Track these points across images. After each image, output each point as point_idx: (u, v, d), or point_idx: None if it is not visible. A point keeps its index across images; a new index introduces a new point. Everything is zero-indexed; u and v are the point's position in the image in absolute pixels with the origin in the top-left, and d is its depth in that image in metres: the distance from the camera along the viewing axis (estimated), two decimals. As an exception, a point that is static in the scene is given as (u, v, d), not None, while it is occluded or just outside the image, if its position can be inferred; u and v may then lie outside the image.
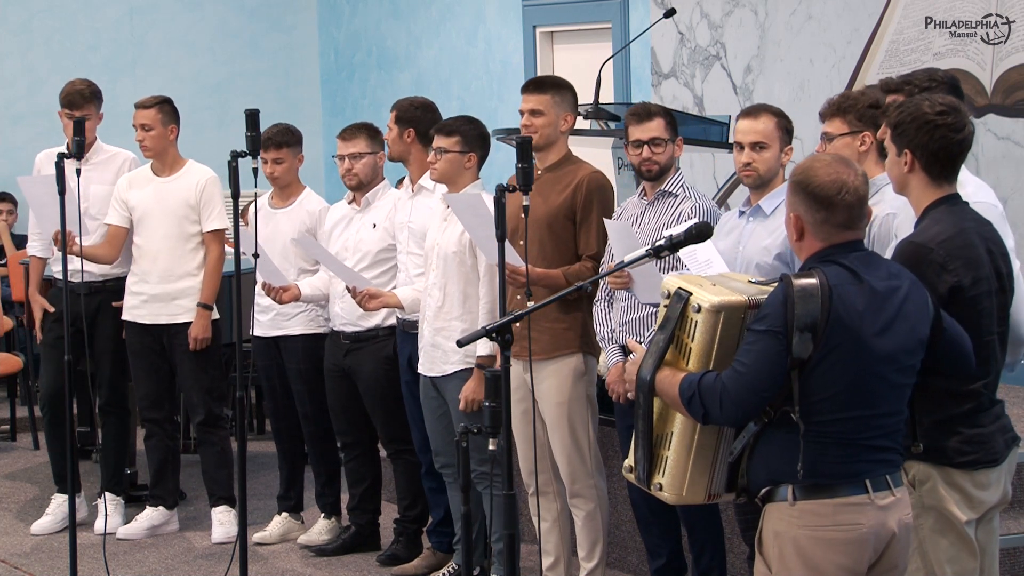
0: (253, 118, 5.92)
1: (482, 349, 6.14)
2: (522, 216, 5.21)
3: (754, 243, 5.27)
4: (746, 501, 4.24)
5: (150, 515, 7.64)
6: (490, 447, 4.39)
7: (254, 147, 5.90)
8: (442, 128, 6.36)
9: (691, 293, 4.11)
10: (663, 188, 5.90)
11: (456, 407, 6.28)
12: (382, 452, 7.30)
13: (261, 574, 7.02)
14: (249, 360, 7.30)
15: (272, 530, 7.52)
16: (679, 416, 4.17)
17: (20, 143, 11.50)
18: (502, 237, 5.10)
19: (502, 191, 5.11)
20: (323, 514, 7.43)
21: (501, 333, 4.33)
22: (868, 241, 4.64)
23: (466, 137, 6.30)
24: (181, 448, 8.26)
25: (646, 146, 5.84)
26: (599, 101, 7.64)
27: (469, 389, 6.21)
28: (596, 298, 6.05)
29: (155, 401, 7.59)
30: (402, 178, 7.33)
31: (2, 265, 11.02)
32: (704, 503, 4.32)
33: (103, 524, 7.30)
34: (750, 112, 5.39)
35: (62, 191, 6.27)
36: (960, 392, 4.28)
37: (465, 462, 4.55)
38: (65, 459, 7.47)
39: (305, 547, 7.33)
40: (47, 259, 7.78)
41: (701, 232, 4.48)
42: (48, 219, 6.83)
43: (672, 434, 4.19)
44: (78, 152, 6.45)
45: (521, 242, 5.60)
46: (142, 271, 7.48)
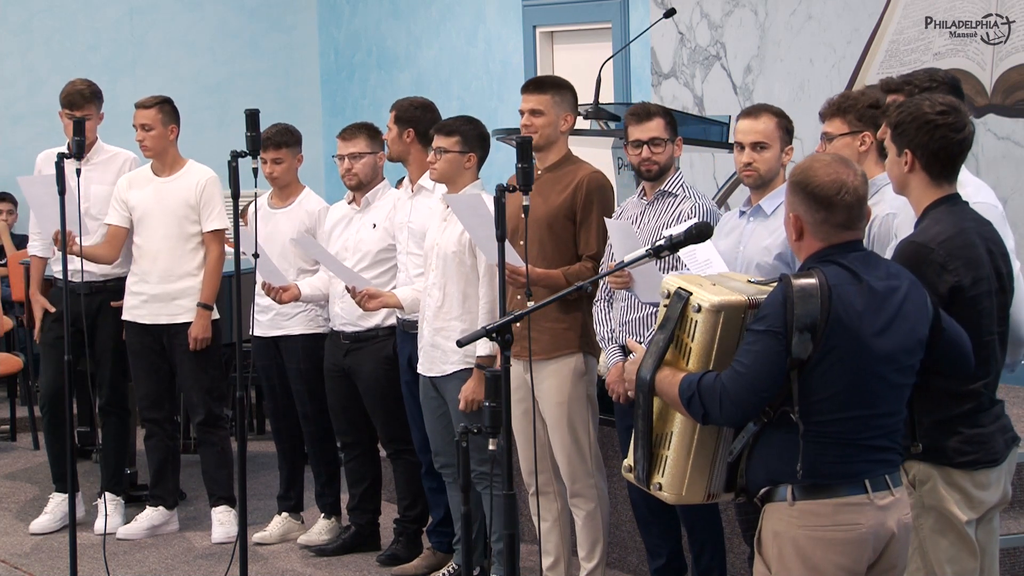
0: (253, 118, 5.92)
1: (482, 349, 6.14)
2: (522, 216, 5.20)
3: (755, 243, 5.27)
4: (745, 501, 4.24)
5: (150, 515, 7.64)
6: (490, 447, 4.39)
7: (254, 147, 5.90)
8: (442, 128, 6.36)
9: (691, 293, 4.11)
10: (663, 188, 5.90)
11: (455, 407, 6.28)
12: (382, 452, 7.29)
13: (261, 574, 7.02)
14: (249, 360, 7.29)
15: (272, 530, 7.52)
16: (679, 416, 4.16)
17: (20, 143, 11.50)
18: (502, 237, 5.10)
19: (502, 191, 5.11)
20: (323, 514, 7.43)
21: (501, 333, 4.33)
22: (868, 241, 4.64)
23: (466, 137, 6.30)
24: (181, 448, 8.26)
25: (646, 146, 5.84)
26: (599, 101, 7.63)
27: (469, 389, 6.21)
28: (596, 298, 6.04)
29: (155, 401, 7.59)
30: (402, 178, 7.33)
31: (2, 265, 11.01)
32: (703, 503, 4.32)
33: (103, 524, 7.29)
34: (751, 112, 5.39)
35: (62, 191, 6.27)
36: (960, 392, 4.28)
37: (465, 462, 4.55)
38: (65, 459, 7.46)
39: (305, 547, 7.32)
40: (48, 259, 7.77)
41: (701, 232, 4.48)
42: (48, 219, 6.83)
43: (672, 434, 4.19)
44: (78, 152, 6.45)
45: (521, 242, 5.59)
46: (142, 271, 7.47)
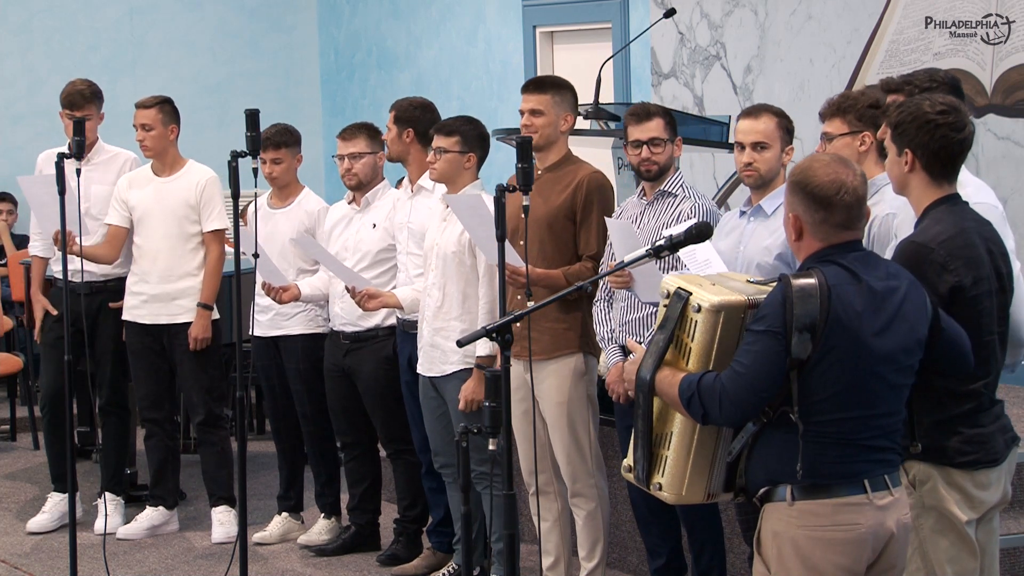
0: (253, 118, 5.92)
1: (482, 349, 6.14)
2: (522, 216, 5.20)
3: (755, 243, 5.27)
4: (745, 501, 4.24)
5: (150, 515, 7.64)
6: (490, 447, 4.39)
7: (254, 147, 5.90)
8: (442, 128, 6.36)
9: (691, 293, 4.11)
10: (662, 188, 5.90)
11: (455, 407, 6.28)
12: (382, 452, 7.30)
13: (261, 574, 7.02)
14: (249, 360, 7.29)
15: (272, 530, 7.52)
16: (678, 416, 4.17)
17: (20, 143, 11.50)
18: (502, 237, 5.10)
19: (502, 191, 5.11)
20: (323, 514, 7.43)
21: (501, 333, 4.33)
22: (868, 241, 4.64)
23: (466, 137, 6.30)
24: (181, 448, 8.26)
25: (645, 146, 5.84)
26: (599, 101, 7.63)
27: (468, 389, 6.21)
28: (596, 298, 6.04)
29: (155, 401, 7.58)
30: (402, 178, 7.33)
31: (2, 265, 11.01)
32: (703, 503, 4.32)
33: (103, 524, 7.29)
34: (751, 112, 5.39)
35: (62, 191, 6.27)
36: (960, 392, 4.28)
37: (465, 462, 4.54)
38: (65, 459, 7.46)
39: (305, 547, 7.32)
40: (49, 259, 7.77)
41: (701, 232, 4.48)
42: (48, 219, 6.83)
43: (671, 434, 4.20)
44: (79, 152, 6.45)
45: (521, 242, 5.59)
46: (142, 271, 7.47)
